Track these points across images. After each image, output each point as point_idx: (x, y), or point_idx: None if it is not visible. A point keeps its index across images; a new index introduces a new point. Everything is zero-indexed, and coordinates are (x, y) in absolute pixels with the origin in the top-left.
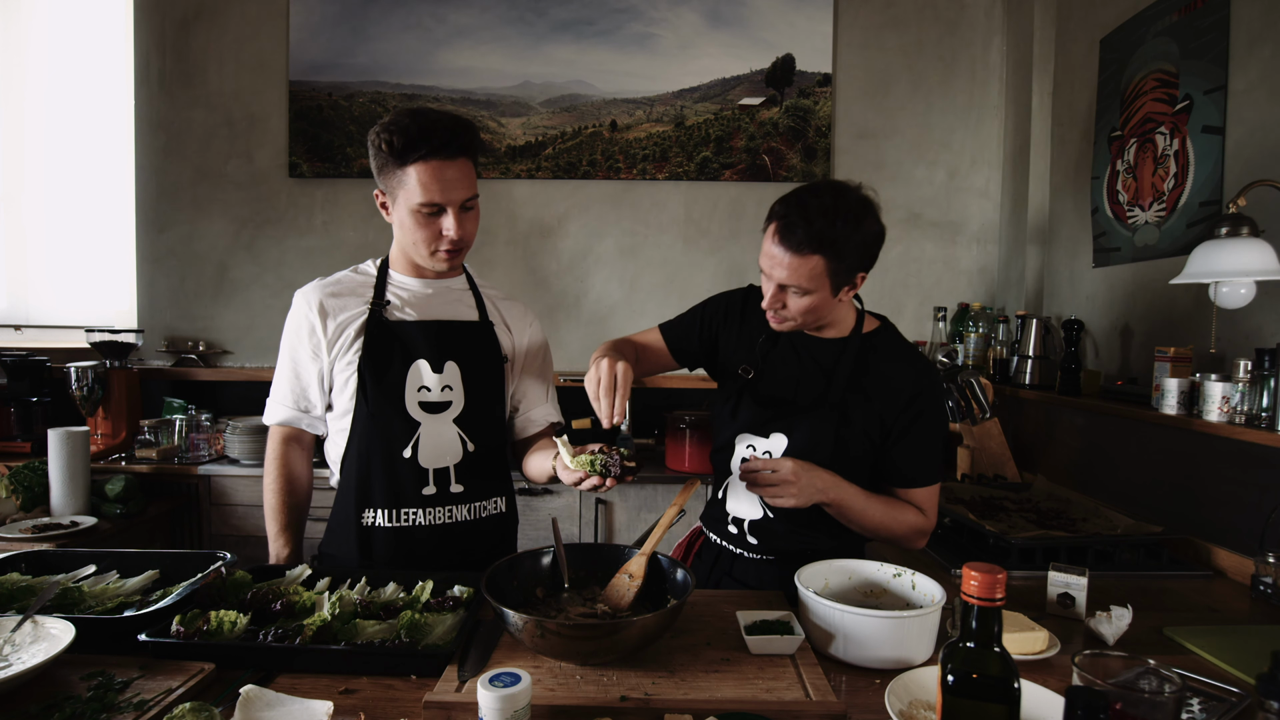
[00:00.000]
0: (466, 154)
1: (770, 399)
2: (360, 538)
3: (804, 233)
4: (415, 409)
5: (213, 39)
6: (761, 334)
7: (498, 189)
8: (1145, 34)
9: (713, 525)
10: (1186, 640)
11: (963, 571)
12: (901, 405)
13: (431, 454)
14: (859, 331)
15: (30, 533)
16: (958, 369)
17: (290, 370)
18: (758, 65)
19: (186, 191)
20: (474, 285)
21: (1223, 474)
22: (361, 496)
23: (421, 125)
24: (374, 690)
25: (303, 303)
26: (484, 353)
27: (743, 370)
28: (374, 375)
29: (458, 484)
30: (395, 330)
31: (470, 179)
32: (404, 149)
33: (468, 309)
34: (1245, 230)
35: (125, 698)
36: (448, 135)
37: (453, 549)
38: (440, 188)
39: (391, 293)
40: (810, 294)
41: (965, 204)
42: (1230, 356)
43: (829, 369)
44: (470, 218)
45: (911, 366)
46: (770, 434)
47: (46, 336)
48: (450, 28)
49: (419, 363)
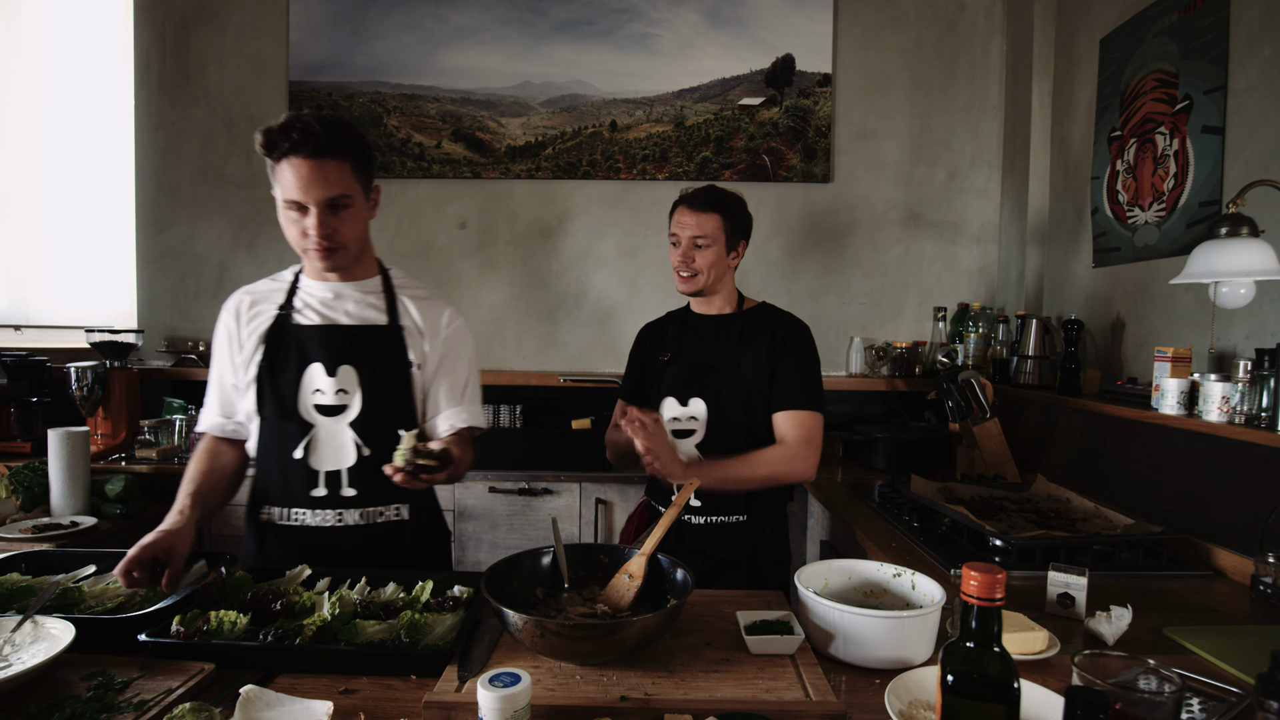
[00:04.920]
0: (334, 154)
1: (689, 366)
2: (256, 533)
3: (705, 198)
4: (310, 411)
5: (213, 39)
6: (666, 349)
7: (498, 189)
8: (1145, 34)
9: (659, 496)
10: (1186, 640)
11: (963, 571)
12: (778, 343)
13: (323, 456)
14: (743, 307)
15: (30, 533)
16: (958, 369)
17: (217, 379)
18: (758, 65)
19: (186, 191)
20: (390, 287)
21: (1223, 474)
22: (259, 494)
23: (287, 123)
24: (374, 690)
25: (225, 312)
26: (386, 357)
27: (662, 357)
28: (270, 378)
29: (350, 488)
30: (294, 334)
31: (340, 179)
32: (269, 146)
33: (375, 312)
34: (1245, 230)
35: (125, 698)
36: (309, 133)
37: (345, 553)
38: (300, 186)
39: (300, 298)
40: (712, 247)
41: (965, 204)
42: (1230, 356)
43: (727, 334)
44: (345, 218)
45: (785, 317)
46: (689, 400)
47: (46, 336)
48: (450, 28)
49: (313, 366)
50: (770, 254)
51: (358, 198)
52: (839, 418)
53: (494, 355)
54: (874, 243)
